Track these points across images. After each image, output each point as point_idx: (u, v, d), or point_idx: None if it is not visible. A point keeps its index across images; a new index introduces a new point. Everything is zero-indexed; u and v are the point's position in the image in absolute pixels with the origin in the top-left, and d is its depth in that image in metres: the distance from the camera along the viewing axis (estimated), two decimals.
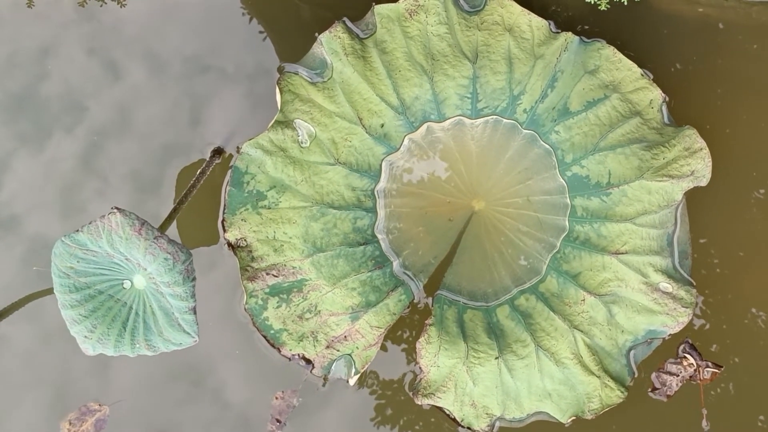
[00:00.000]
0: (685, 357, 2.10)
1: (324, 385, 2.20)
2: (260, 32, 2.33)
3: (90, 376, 2.25)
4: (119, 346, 1.90)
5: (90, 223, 1.82)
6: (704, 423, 2.13)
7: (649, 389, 2.12)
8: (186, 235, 2.25)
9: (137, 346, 1.90)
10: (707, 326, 2.18)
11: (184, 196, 2.07)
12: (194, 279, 1.85)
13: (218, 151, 2.24)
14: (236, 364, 2.23)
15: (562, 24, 2.17)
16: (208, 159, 2.21)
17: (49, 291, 2.23)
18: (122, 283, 1.91)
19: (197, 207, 2.21)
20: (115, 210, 1.80)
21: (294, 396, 2.19)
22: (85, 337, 1.89)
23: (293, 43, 2.28)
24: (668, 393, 2.11)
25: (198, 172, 2.12)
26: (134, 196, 2.29)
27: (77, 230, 1.83)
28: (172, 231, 2.22)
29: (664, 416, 2.16)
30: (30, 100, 2.34)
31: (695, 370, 2.10)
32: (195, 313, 1.86)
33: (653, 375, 2.13)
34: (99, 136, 2.32)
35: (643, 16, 2.24)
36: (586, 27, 2.23)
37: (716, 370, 2.10)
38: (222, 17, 2.34)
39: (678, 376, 2.10)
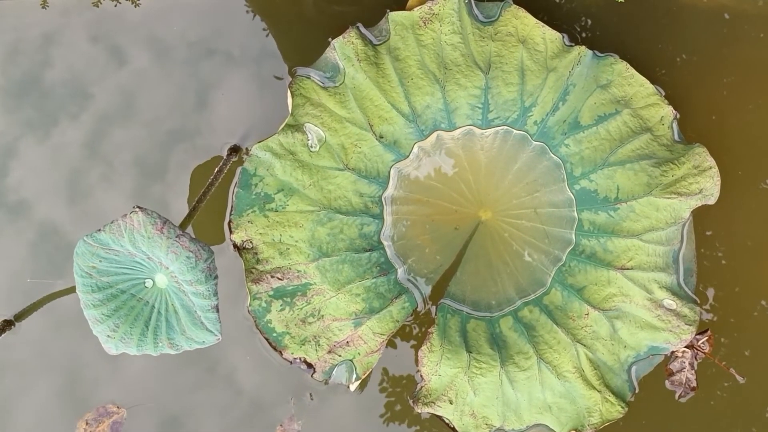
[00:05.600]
0: (676, 348, 2.11)
1: (311, 398, 2.20)
2: (264, 28, 2.32)
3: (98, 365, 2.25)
4: (142, 345, 1.89)
5: (112, 222, 1.81)
6: (739, 378, 2.14)
7: (677, 396, 2.13)
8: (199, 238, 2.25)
9: (160, 345, 1.89)
10: (715, 319, 2.18)
11: (202, 195, 2.06)
12: (216, 277, 1.83)
13: (235, 149, 2.24)
14: (242, 364, 2.24)
15: (558, 18, 2.18)
16: (225, 157, 2.20)
17: (67, 291, 2.24)
18: (144, 282, 1.91)
19: (204, 207, 2.21)
20: (137, 209, 1.79)
21: (293, 422, 2.19)
22: (108, 336, 1.88)
23: (302, 38, 2.29)
24: (692, 386, 2.12)
25: (216, 170, 2.11)
26: (140, 182, 2.28)
27: (99, 229, 1.82)
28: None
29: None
30: (35, 87, 2.33)
31: (693, 350, 2.10)
32: (218, 311, 1.85)
33: (667, 384, 2.13)
34: (104, 122, 2.31)
35: (644, 7, 2.25)
36: (582, 21, 2.23)
37: (708, 337, 2.11)
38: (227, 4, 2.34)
39: (685, 368, 2.11)
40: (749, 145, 2.22)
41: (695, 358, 2.11)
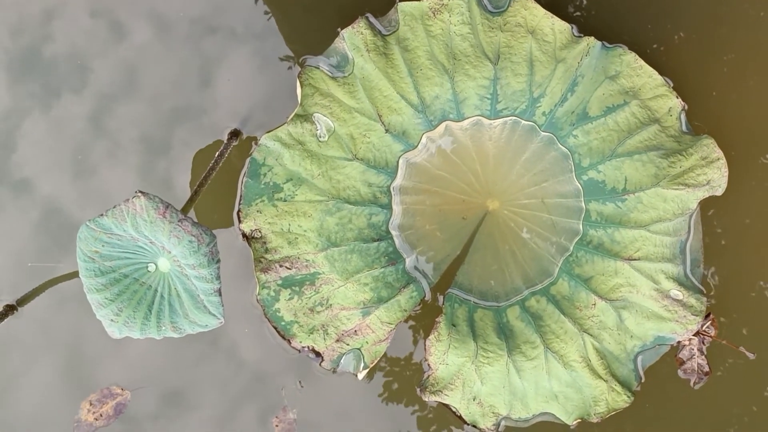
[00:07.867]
0: (682, 338, 2.13)
1: (301, 385, 2.21)
2: (266, 11, 2.31)
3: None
4: (145, 329, 1.90)
5: (114, 207, 1.82)
6: (749, 354, 2.15)
7: (691, 384, 2.15)
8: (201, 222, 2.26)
9: (163, 328, 1.90)
10: (714, 300, 2.19)
11: (204, 179, 2.06)
12: (219, 261, 1.84)
13: (235, 133, 2.24)
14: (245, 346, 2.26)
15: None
16: (225, 141, 2.21)
17: (71, 275, 2.25)
18: (147, 267, 1.91)
19: (211, 194, 2.22)
20: (139, 193, 1.80)
21: (287, 411, 2.21)
22: (112, 320, 1.89)
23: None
24: (705, 371, 2.13)
25: (216, 155, 2.12)
26: (143, 158, 2.29)
27: (101, 214, 1.83)
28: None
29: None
30: (37, 63, 2.32)
31: (700, 336, 2.12)
32: (220, 294, 1.86)
33: (679, 373, 2.15)
34: (107, 98, 2.30)
35: None
36: (577, 2, 2.23)
37: (712, 320, 2.12)
38: None
39: (695, 355, 2.12)
40: (749, 124, 2.21)
41: (702, 343, 2.13)
